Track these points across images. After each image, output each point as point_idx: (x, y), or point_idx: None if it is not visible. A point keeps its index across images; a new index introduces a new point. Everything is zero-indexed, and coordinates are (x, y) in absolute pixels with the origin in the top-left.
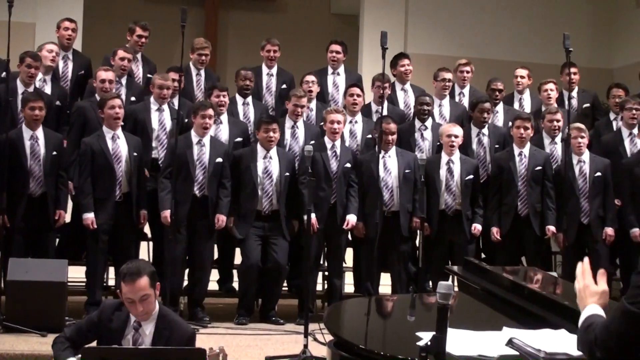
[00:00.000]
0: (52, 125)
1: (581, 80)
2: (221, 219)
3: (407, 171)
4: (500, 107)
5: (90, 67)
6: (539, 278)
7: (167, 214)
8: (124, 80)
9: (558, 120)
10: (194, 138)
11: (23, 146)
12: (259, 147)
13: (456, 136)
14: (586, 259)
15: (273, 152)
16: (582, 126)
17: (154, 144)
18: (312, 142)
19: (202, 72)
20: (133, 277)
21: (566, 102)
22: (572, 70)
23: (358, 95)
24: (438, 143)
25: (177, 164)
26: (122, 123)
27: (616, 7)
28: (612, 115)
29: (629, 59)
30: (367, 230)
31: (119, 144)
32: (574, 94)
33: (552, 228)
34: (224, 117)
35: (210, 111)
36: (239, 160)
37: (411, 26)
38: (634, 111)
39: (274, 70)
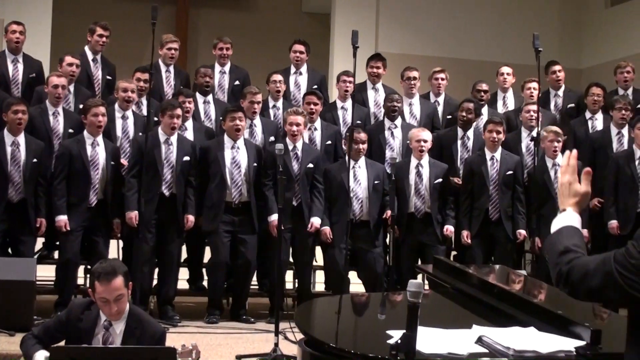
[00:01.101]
0: None
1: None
2: (190, 220)
3: (376, 182)
4: (485, 110)
5: (42, 70)
6: (509, 277)
7: (132, 215)
8: (72, 88)
9: (535, 111)
10: (162, 137)
11: (4, 152)
12: (225, 137)
13: (425, 141)
14: (575, 151)
15: (240, 142)
16: (559, 130)
17: None
18: (272, 138)
19: (172, 69)
20: (108, 276)
21: (552, 101)
22: (557, 68)
23: (315, 104)
24: (408, 141)
25: (144, 162)
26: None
27: (585, 7)
28: (587, 114)
29: (598, 59)
30: (335, 237)
31: (97, 150)
32: (560, 92)
33: (523, 232)
34: (189, 123)
35: (179, 111)
36: (206, 152)
37: (382, 25)
38: (623, 111)
39: (227, 68)
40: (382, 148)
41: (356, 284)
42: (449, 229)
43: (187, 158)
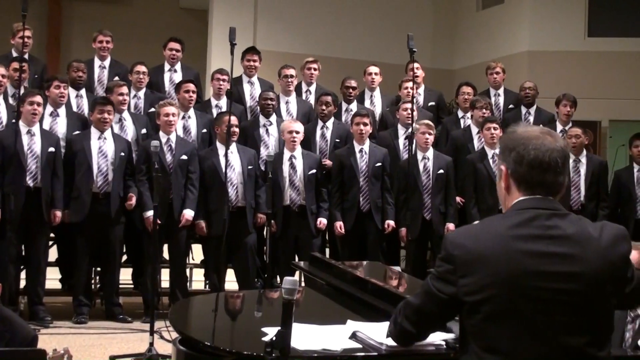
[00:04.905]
0: None
1: (425, 81)
2: (58, 216)
3: (249, 167)
4: (354, 106)
5: None
6: (382, 272)
7: None
8: None
9: (413, 110)
10: (23, 128)
11: None
12: (92, 129)
13: (297, 132)
14: None
15: (107, 133)
16: (431, 123)
17: None
18: (144, 130)
19: (26, 57)
20: None
21: (413, 100)
22: (415, 66)
23: (193, 92)
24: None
25: (7, 155)
26: None
27: (458, 10)
28: (460, 113)
29: (470, 60)
30: (212, 228)
31: None
32: (421, 91)
33: (391, 223)
34: (62, 111)
35: (39, 98)
36: (72, 143)
37: (260, 22)
38: (483, 110)
39: (107, 63)
40: (257, 145)
41: (231, 282)
42: (322, 221)
43: (52, 149)
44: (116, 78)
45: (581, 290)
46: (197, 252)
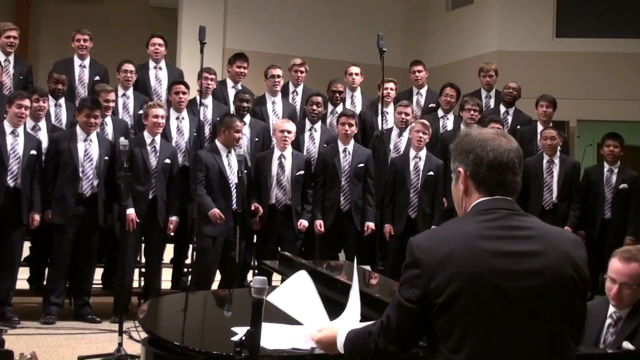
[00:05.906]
0: None
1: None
2: (36, 219)
3: (245, 171)
4: (340, 108)
5: None
6: (352, 271)
7: None
8: None
9: (407, 114)
10: (8, 128)
11: None
12: (78, 130)
13: (289, 132)
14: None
15: (93, 135)
16: (427, 123)
17: None
18: (122, 138)
19: (11, 59)
20: None
21: (414, 99)
22: (418, 68)
23: (184, 93)
24: (256, 139)
25: None
26: None
27: (427, 10)
28: (440, 113)
29: (439, 60)
30: (215, 228)
31: None
32: (423, 92)
33: (371, 225)
34: (43, 124)
35: (27, 102)
36: (57, 142)
37: (230, 21)
38: (472, 112)
39: (87, 62)
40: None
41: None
42: (303, 223)
43: (33, 152)
44: (97, 78)
45: (546, 286)
46: (166, 252)
